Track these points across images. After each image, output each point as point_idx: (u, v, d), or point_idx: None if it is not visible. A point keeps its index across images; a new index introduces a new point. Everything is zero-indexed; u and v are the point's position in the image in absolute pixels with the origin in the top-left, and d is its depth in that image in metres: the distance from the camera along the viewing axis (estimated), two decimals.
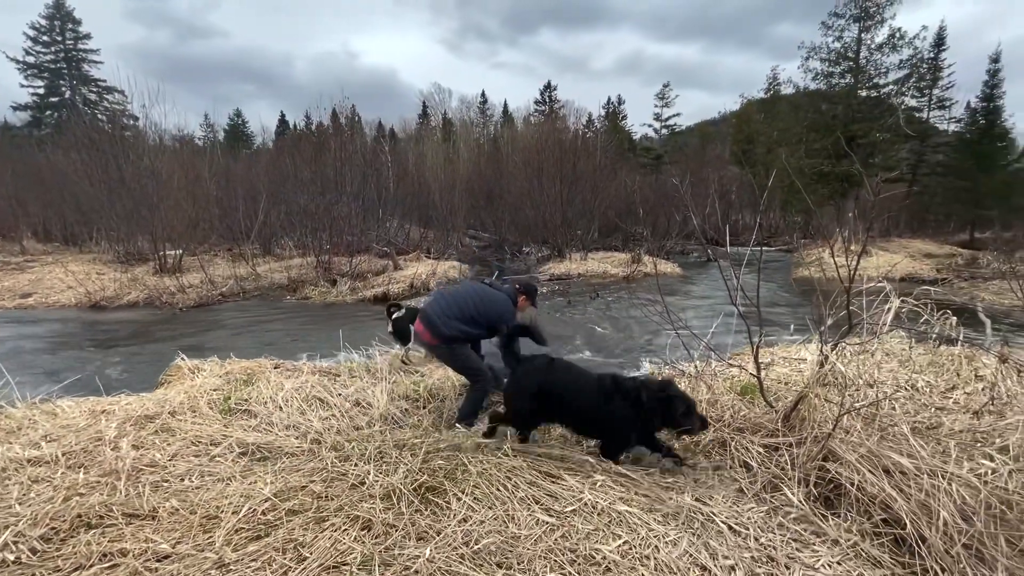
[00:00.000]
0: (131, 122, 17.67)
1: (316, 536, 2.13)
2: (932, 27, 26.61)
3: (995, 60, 24.66)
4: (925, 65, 26.10)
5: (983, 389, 2.85)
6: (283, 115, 51.96)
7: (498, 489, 2.57)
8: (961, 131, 27.11)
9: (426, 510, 2.40)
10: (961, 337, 2.52)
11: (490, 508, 2.41)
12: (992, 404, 2.63)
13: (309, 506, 2.35)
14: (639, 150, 42.16)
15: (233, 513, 2.28)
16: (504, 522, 2.30)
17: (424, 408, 3.79)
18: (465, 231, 19.68)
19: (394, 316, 4.50)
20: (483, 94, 50.11)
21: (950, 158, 26.40)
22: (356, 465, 2.75)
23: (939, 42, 27.19)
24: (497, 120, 48.80)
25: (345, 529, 2.20)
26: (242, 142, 46.21)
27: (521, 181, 18.43)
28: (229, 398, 3.55)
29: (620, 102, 47.58)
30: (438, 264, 12.89)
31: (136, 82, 23.98)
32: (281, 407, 3.48)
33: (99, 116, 25.08)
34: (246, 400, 3.53)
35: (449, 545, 2.14)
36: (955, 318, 2.48)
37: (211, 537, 2.11)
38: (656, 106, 47.51)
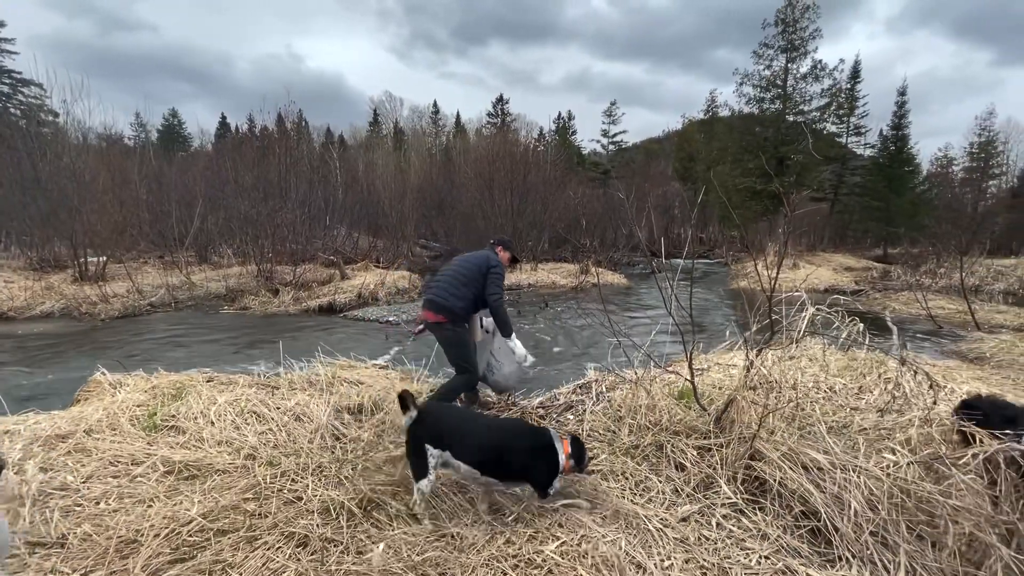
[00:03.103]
0: (50, 118, 16.34)
1: (247, 556, 2.04)
2: (849, 61, 29.35)
3: (902, 93, 27.46)
4: (843, 95, 28.66)
5: (888, 390, 3.15)
6: (224, 117, 49.52)
7: (442, 499, 2.55)
8: (875, 156, 29.79)
9: (367, 523, 2.35)
10: (867, 342, 2.77)
11: (434, 518, 2.39)
12: (895, 403, 2.90)
13: (240, 525, 2.24)
14: (588, 165, 43.36)
15: (155, 536, 2.14)
16: (450, 533, 2.29)
17: (368, 420, 3.70)
18: (416, 240, 19.45)
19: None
20: (435, 104, 50.05)
21: (866, 180, 28.93)
22: (293, 480, 2.66)
23: (855, 74, 29.91)
24: (449, 130, 48.80)
25: (279, 547, 2.12)
26: (178, 144, 43.69)
27: (473, 192, 18.50)
28: (155, 414, 3.33)
29: (570, 117, 48.86)
30: (387, 273, 12.65)
31: (56, 75, 22.20)
32: (213, 422, 3.29)
33: (12, 110, 22.95)
34: (173, 416, 3.32)
35: (392, 559, 2.10)
36: (862, 325, 2.73)
37: (127, 563, 1.97)
38: (604, 123, 49.11)
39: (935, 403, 2.66)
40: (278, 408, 3.54)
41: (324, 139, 40.67)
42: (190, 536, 2.16)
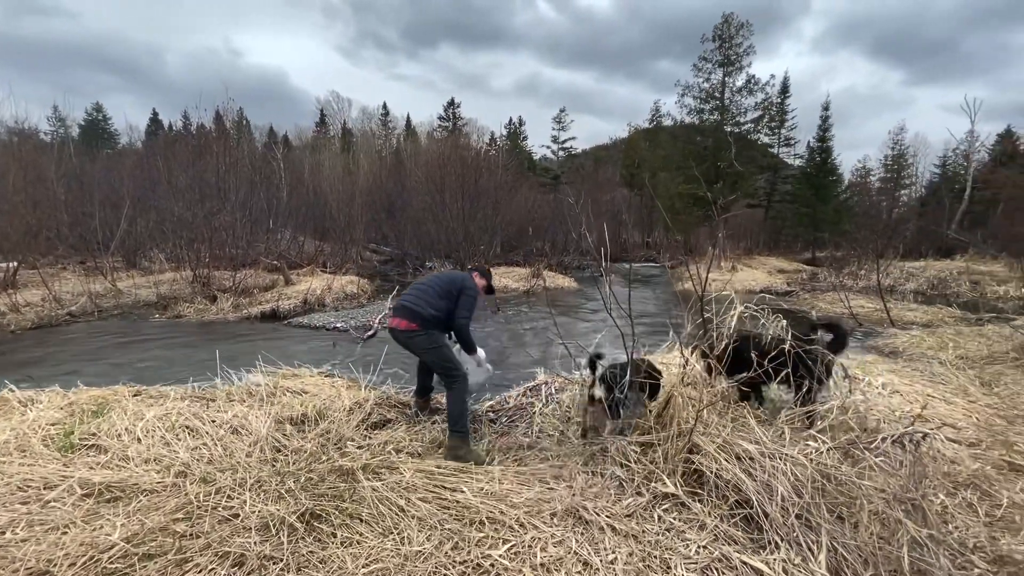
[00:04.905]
0: None
1: None
2: (779, 76, 31.40)
3: (826, 108, 29.54)
4: (774, 108, 30.61)
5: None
6: (155, 113, 46.53)
7: (389, 508, 2.51)
8: (803, 166, 31.93)
9: (310, 538, 2.27)
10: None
11: (380, 529, 2.35)
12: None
13: (169, 547, 2.11)
14: (539, 170, 43.92)
15: (70, 566, 1.98)
16: (396, 542, 2.25)
17: (312, 430, 3.58)
18: (366, 245, 19.00)
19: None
20: (384, 106, 49.20)
21: (795, 188, 30.95)
22: (229, 497, 2.53)
23: (784, 89, 32.04)
24: (399, 133, 48.10)
25: (212, 568, 2.01)
26: (103, 141, 40.59)
27: (424, 195, 18.30)
28: (72, 432, 3.08)
29: (521, 123, 49.40)
30: (335, 279, 12.28)
31: None
32: (140, 439, 3.08)
33: None
34: (94, 434, 3.08)
35: (335, 573, 2.04)
36: (785, 321, 2.93)
37: None
38: (554, 129, 50.00)
39: (851, 392, 2.89)
40: (214, 421, 3.36)
41: (267, 139, 39.05)
42: (111, 563, 2.01)
